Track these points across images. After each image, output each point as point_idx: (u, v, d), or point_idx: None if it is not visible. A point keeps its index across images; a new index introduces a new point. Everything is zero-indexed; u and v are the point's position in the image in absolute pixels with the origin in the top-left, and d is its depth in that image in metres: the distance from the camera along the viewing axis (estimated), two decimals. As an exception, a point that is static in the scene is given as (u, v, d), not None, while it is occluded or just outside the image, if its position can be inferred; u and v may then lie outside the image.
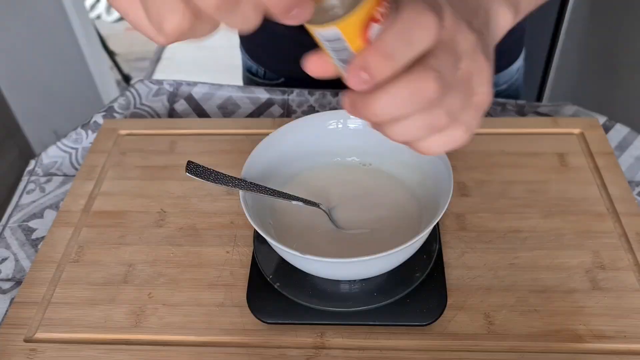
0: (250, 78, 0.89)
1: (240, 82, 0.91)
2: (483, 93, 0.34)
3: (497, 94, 0.82)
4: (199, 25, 0.27)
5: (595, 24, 0.84)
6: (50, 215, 0.60)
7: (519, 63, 0.83)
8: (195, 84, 0.76)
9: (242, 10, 0.25)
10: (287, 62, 0.78)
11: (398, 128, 0.32)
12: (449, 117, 0.31)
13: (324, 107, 0.72)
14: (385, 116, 0.30)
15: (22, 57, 1.59)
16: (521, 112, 0.71)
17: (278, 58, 0.80)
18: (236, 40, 0.89)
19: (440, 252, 0.51)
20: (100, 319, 0.49)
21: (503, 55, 0.80)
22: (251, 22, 0.26)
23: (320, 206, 0.50)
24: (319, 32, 0.29)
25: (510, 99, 0.73)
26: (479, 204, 0.57)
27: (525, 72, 0.86)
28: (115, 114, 0.72)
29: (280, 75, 0.84)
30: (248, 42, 0.86)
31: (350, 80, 0.29)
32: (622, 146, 0.64)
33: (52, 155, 0.67)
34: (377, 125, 0.33)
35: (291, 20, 0.26)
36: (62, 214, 0.58)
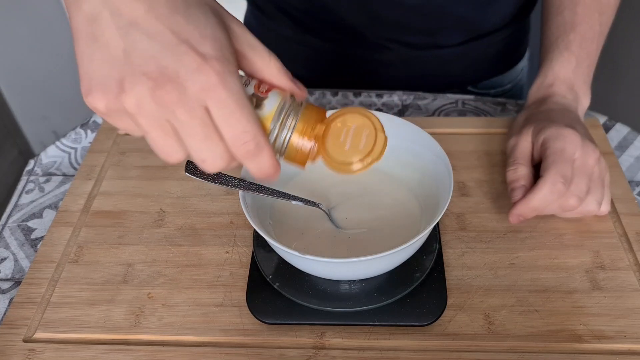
0: None
1: None
2: (599, 170, 0.52)
3: (502, 94, 0.82)
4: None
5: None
6: (49, 215, 0.60)
7: (524, 63, 0.83)
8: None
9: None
10: (293, 63, 0.78)
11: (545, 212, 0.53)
12: (579, 199, 0.50)
13: (323, 106, 0.72)
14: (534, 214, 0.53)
15: (22, 56, 1.59)
16: (521, 112, 0.70)
17: (283, 59, 0.81)
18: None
19: (440, 252, 0.51)
20: (99, 319, 0.49)
21: (508, 55, 0.80)
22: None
23: (320, 206, 0.50)
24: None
25: (511, 99, 0.73)
26: (479, 204, 0.56)
27: (529, 72, 0.86)
28: (114, 114, 0.72)
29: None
30: None
31: (512, 219, 0.52)
32: (622, 146, 0.64)
33: (51, 155, 0.67)
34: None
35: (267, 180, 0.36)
36: (61, 214, 0.58)
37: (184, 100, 0.31)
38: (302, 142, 0.37)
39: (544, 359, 0.44)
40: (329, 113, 0.39)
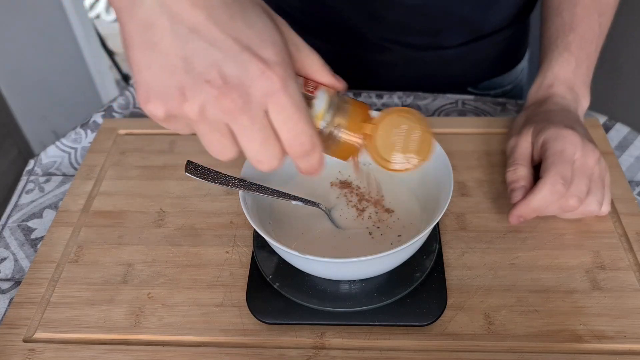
0: None
1: None
2: (600, 170, 0.52)
3: (502, 94, 0.82)
4: None
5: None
6: (49, 215, 0.60)
7: (524, 64, 0.83)
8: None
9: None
10: None
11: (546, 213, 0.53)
12: (579, 200, 0.50)
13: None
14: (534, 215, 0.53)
15: (22, 56, 1.59)
16: (521, 112, 0.70)
17: None
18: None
19: (440, 252, 0.51)
20: (99, 319, 0.48)
21: (508, 56, 0.80)
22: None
23: (320, 206, 0.50)
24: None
25: (511, 99, 0.73)
26: (479, 204, 0.56)
27: (528, 73, 0.86)
28: (114, 114, 0.72)
29: None
30: None
31: (512, 220, 0.53)
32: (622, 146, 0.64)
33: (51, 155, 0.67)
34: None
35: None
36: (61, 214, 0.58)
37: (247, 107, 0.31)
38: (351, 137, 0.38)
39: (544, 359, 0.44)
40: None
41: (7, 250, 0.56)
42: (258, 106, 0.32)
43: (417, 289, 0.48)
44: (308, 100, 0.37)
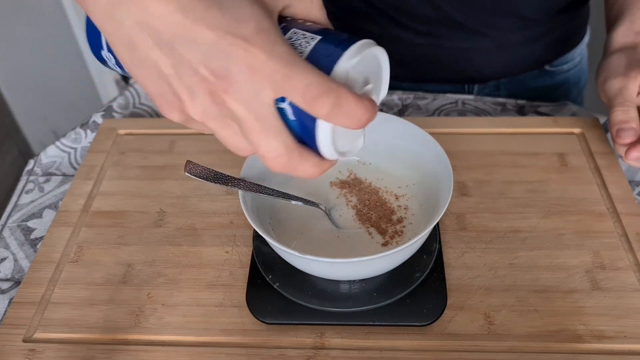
0: None
1: None
2: None
3: (573, 68, 0.81)
4: None
5: (596, 24, 0.84)
6: (49, 215, 0.60)
7: (587, 34, 0.83)
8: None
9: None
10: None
11: None
12: None
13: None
14: None
15: (21, 56, 1.59)
16: (521, 112, 0.70)
17: None
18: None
19: (440, 252, 0.51)
20: (99, 319, 0.48)
21: (579, 27, 0.80)
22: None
23: (320, 206, 0.50)
24: None
25: (510, 99, 0.73)
26: (479, 204, 0.56)
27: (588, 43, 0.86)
28: (114, 114, 0.72)
29: None
30: None
31: (630, 160, 0.53)
32: (622, 146, 0.64)
33: (51, 154, 0.67)
34: None
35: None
36: (61, 214, 0.58)
37: (239, 93, 0.31)
38: None
39: (544, 359, 0.44)
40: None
41: (7, 250, 0.56)
42: (249, 88, 0.30)
43: (417, 289, 0.48)
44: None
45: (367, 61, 0.34)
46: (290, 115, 0.32)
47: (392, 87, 0.79)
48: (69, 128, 0.71)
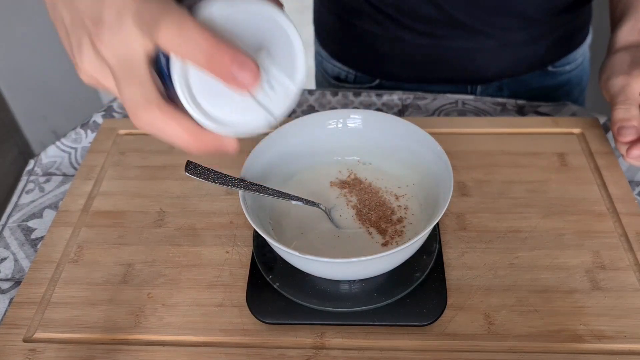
0: (337, 84, 0.86)
1: None
2: None
3: (575, 69, 0.81)
4: None
5: (598, 26, 0.84)
6: (49, 215, 0.60)
7: (589, 34, 0.83)
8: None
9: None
10: (382, 62, 0.78)
11: None
12: None
13: (323, 106, 0.72)
14: None
15: (21, 56, 1.59)
16: (521, 112, 0.70)
17: (372, 58, 0.79)
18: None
19: (440, 252, 0.51)
20: (99, 319, 0.49)
21: (580, 27, 0.80)
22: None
23: (320, 206, 0.50)
24: None
25: (510, 99, 0.73)
26: (479, 204, 0.56)
27: (591, 44, 0.86)
28: (114, 114, 0.72)
29: (375, 76, 0.82)
30: (335, 45, 0.84)
31: (631, 158, 0.53)
32: (622, 146, 0.64)
33: (51, 155, 0.67)
34: None
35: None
36: (61, 214, 0.58)
37: (108, 37, 0.31)
38: None
39: (544, 359, 0.44)
40: None
41: (7, 250, 0.56)
42: (117, 32, 0.31)
43: (417, 289, 0.48)
44: None
45: (260, 23, 0.31)
46: (165, 69, 0.31)
47: (394, 87, 0.79)
48: (69, 128, 0.71)
